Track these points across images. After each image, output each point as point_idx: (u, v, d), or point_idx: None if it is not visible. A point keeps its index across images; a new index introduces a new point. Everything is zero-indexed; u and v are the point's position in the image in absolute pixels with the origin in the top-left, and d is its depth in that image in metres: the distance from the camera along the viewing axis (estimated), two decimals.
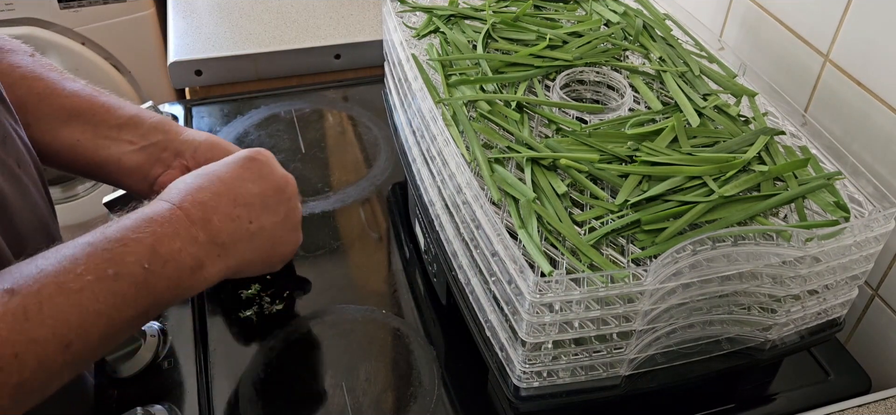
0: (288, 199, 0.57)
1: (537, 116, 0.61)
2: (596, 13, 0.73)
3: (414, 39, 0.70)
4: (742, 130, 0.59)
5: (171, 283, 0.46)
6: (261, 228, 0.53)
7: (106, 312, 0.43)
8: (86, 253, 0.43)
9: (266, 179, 0.55)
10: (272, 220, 0.55)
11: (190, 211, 0.49)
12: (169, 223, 0.47)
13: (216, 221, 0.50)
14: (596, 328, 0.47)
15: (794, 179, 0.54)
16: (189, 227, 0.48)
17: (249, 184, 0.54)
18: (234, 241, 0.51)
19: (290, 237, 0.58)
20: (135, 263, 0.44)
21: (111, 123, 0.62)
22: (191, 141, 0.65)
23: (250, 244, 0.53)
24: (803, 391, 0.62)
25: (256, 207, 0.53)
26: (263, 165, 0.56)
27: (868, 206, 0.53)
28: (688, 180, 0.52)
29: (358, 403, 0.59)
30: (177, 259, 0.47)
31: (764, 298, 0.51)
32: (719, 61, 0.68)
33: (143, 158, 0.63)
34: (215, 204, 0.50)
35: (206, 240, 0.49)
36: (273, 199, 0.55)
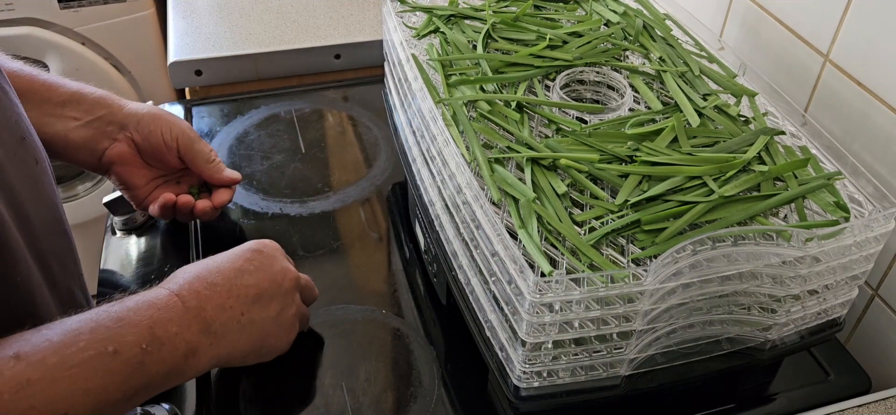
0: (283, 294, 0.57)
1: (537, 116, 0.61)
2: (596, 13, 0.73)
3: (414, 39, 0.70)
4: (742, 130, 0.59)
5: (164, 367, 0.48)
6: (251, 321, 0.54)
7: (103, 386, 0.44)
8: (89, 329, 0.45)
9: (263, 272, 0.56)
10: (263, 315, 0.55)
11: (186, 299, 0.50)
12: (166, 309, 0.49)
13: (209, 310, 0.51)
14: (596, 328, 0.47)
15: (794, 179, 0.54)
16: (184, 314, 0.50)
17: (247, 276, 0.55)
18: (225, 331, 0.52)
19: (281, 333, 0.57)
20: (134, 344, 0.46)
21: (54, 101, 0.63)
22: (134, 113, 0.66)
23: (240, 336, 0.53)
24: (803, 391, 0.62)
25: (249, 300, 0.54)
26: (264, 257, 0.57)
27: (868, 206, 0.53)
28: (688, 180, 0.52)
29: (358, 403, 0.59)
30: (172, 343, 0.48)
31: (764, 298, 0.51)
32: (719, 61, 0.68)
33: (89, 132, 0.64)
34: (210, 294, 0.52)
35: (199, 328, 0.50)
36: (267, 292, 0.55)
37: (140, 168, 0.69)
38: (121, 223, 0.75)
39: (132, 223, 0.75)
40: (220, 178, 0.72)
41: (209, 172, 0.71)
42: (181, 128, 0.69)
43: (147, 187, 0.70)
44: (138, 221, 0.76)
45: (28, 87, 0.62)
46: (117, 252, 0.73)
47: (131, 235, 0.75)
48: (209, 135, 0.90)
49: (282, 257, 0.59)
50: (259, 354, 0.56)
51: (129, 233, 0.75)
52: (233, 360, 0.54)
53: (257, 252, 0.57)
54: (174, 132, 0.68)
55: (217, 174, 0.72)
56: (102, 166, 0.67)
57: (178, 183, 0.73)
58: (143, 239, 0.75)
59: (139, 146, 0.68)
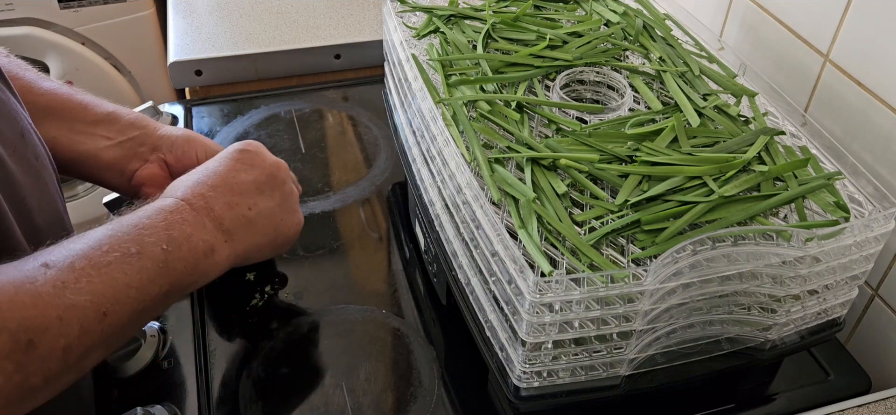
0: (281, 182, 0.60)
1: (537, 116, 0.61)
2: (596, 13, 0.73)
3: (414, 39, 0.70)
4: (742, 130, 0.59)
5: (188, 265, 0.49)
6: (259, 213, 0.56)
7: (135, 285, 0.45)
8: (108, 236, 0.46)
9: (258, 168, 0.58)
10: (269, 204, 0.58)
11: (192, 202, 0.52)
12: (177, 212, 0.50)
13: (217, 209, 0.53)
14: (596, 328, 0.47)
15: (794, 179, 0.54)
16: (195, 215, 0.51)
17: (242, 174, 0.57)
18: (237, 227, 0.54)
19: (290, 218, 0.60)
20: (154, 244, 0.47)
21: (87, 120, 0.64)
22: (167, 136, 0.67)
23: (253, 229, 0.56)
24: (803, 391, 0.62)
25: (252, 193, 0.56)
26: (254, 155, 0.59)
27: (868, 206, 0.53)
28: (688, 180, 0.52)
29: (358, 403, 0.59)
30: (190, 243, 0.50)
31: (764, 298, 0.51)
32: (719, 61, 0.68)
33: (121, 152, 0.65)
34: (214, 195, 0.54)
35: (213, 226, 0.52)
36: (267, 184, 0.58)
37: None
38: None
39: None
40: None
41: None
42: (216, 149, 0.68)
43: None
44: None
45: (64, 106, 0.63)
46: None
47: None
48: (209, 135, 0.90)
49: (267, 151, 0.61)
50: (274, 245, 0.59)
51: None
52: (251, 254, 0.56)
53: (244, 151, 0.59)
54: (209, 153, 0.68)
55: None
56: (132, 188, 0.66)
57: None
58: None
59: (172, 168, 0.67)
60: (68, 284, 0.42)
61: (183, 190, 0.53)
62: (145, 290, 0.46)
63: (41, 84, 0.63)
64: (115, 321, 0.44)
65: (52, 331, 0.40)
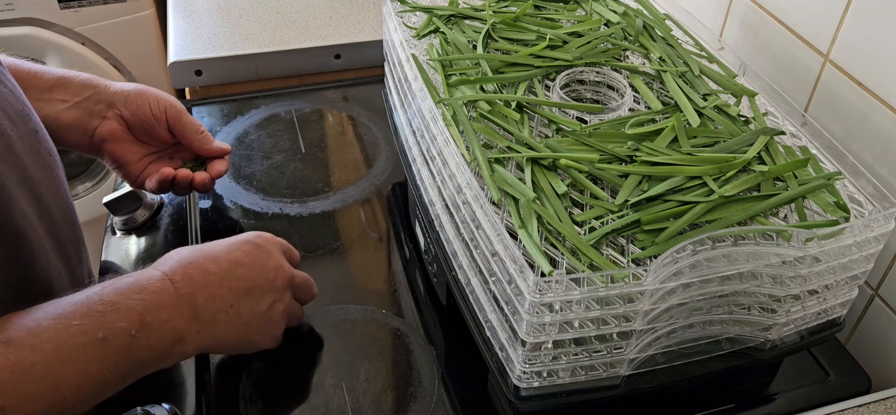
0: (274, 290, 0.57)
1: (537, 116, 0.61)
2: (596, 13, 0.73)
3: (414, 39, 0.70)
4: (742, 130, 0.59)
5: (153, 352, 0.48)
6: (239, 314, 0.54)
7: (95, 370, 0.45)
8: (81, 313, 0.45)
9: (258, 267, 0.56)
10: (251, 309, 0.55)
11: (179, 284, 0.51)
12: (158, 294, 0.49)
13: (200, 298, 0.52)
14: (596, 328, 0.47)
15: (794, 179, 0.54)
16: (176, 300, 0.50)
17: (241, 269, 0.55)
18: (213, 321, 0.53)
19: (267, 329, 0.57)
20: (124, 331, 0.46)
21: (41, 87, 0.64)
22: (121, 91, 0.68)
23: (226, 327, 0.54)
24: (803, 391, 0.62)
25: (239, 291, 0.54)
26: (261, 252, 0.57)
27: (868, 206, 0.53)
28: (688, 180, 0.52)
29: (358, 403, 0.59)
30: (162, 330, 0.49)
31: (764, 298, 0.51)
32: (719, 61, 0.68)
33: (79, 113, 0.65)
34: (203, 281, 0.52)
35: (189, 315, 0.51)
36: (259, 288, 0.56)
37: (131, 144, 0.70)
38: (121, 223, 0.76)
39: (132, 223, 0.75)
40: (210, 148, 0.72)
41: (199, 143, 0.72)
42: (168, 100, 0.70)
43: (140, 164, 0.71)
44: (138, 221, 0.76)
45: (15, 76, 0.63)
46: (117, 252, 0.73)
47: (131, 234, 0.75)
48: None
49: (278, 253, 0.59)
50: (242, 346, 0.57)
51: (129, 233, 0.76)
52: (216, 349, 0.55)
53: (254, 246, 0.57)
54: (162, 105, 0.69)
55: (207, 144, 0.72)
56: (94, 145, 0.68)
57: (171, 158, 0.73)
58: (143, 239, 0.75)
59: (129, 122, 0.68)
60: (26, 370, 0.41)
61: (173, 267, 0.52)
62: (106, 375, 0.46)
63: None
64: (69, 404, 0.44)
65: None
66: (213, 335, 0.53)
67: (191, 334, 0.51)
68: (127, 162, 0.70)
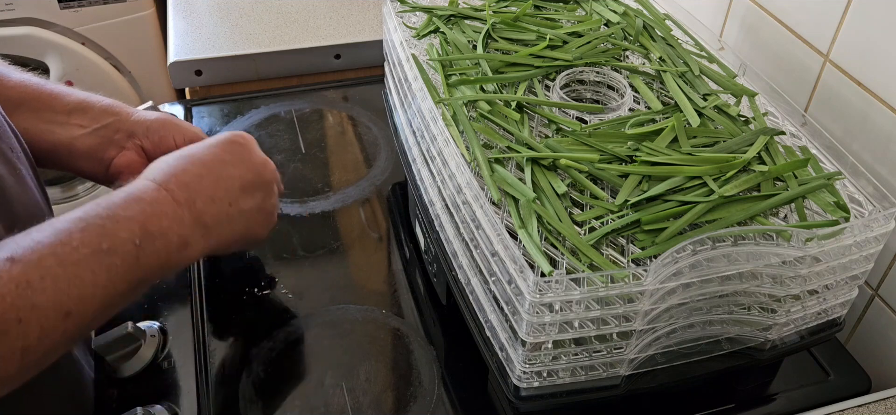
0: (265, 183, 0.59)
1: (537, 116, 0.61)
2: (596, 13, 0.73)
3: (414, 39, 0.70)
4: (742, 130, 0.59)
5: (159, 259, 0.48)
6: (240, 211, 0.55)
7: (102, 283, 0.44)
8: (79, 228, 0.45)
9: (245, 163, 0.57)
10: (250, 203, 0.56)
11: (175, 192, 0.50)
12: (156, 203, 0.49)
13: (199, 202, 0.52)
14: (596, 328, 0.47)
15: (794, 179, 0.54)
16: (175, 207, 0.50)
17: (230, 167, 0.55)
18: (217, 222, 0.53)
19: (265, 220, 0.59)
20: (127, 240, 0.46)
21: (59, 109, 0.63)
22: (143, 121, 0.66)
23: (230, 226, 0.55)
24: (803, 391, 0.62)
25: (236, 190, 0.55)
26: (244, 149, 0.58)
27: (868, 206, 0.53)
28: (688, 180, 0.52)
29: (358, 403, 0.59)
30: (165, 237, 0.48)
31: (764, 298, 0.51)
32: (719, 61, 0.68)
33: (96, 140, 0.63)
34: (198, 186, 0.52)
35: (191, 220, 0.51)
36: (251, 183, 0.57)
37: None
38: None
39: None
40: None
41: None
42: (194, 133, 0.68)
43: None
44: None
45: (33, 96, 0.62)
46: None
47: None
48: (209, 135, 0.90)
49: (257, 148, 0.60)
50: (244, 242, 0.58)
51: None
52: (220, 249, 0.55)
53: (234, 143, 0.58)
54: (187, 137, 0.67)
55: None
56: (109, 176, 0.65)
57: None
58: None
59: (149, 153, 0.66)
60: (32, 283, 0.41)
61: (164, 175, 0.51)
62: (113, 287, 0.45)
63: (10, 76, 0.62)
64: (79, 320, 0.43)
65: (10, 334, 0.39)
66: (217, 236, 0.53)
67: (195, 238, 0.51)
68: None
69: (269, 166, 0.60)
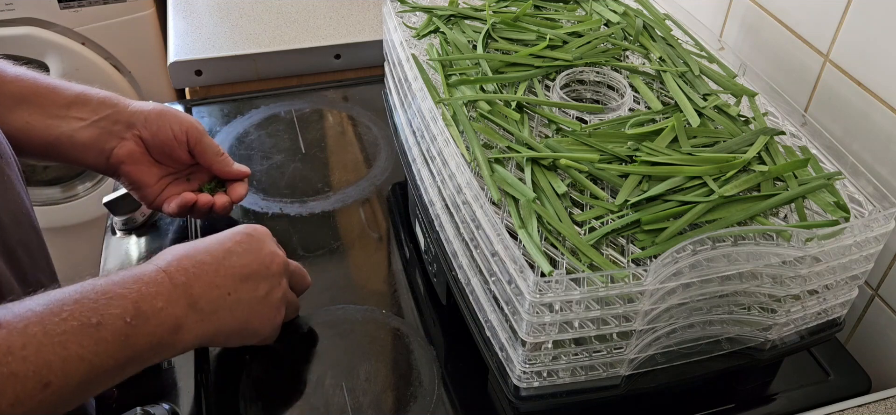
0: (271, 275, 0.57)
1: (537, 116, 0.61)
2: (596, 13, 0.73)
3: (414, 39, 0.70)
4: (742, 130, 0.59)
5: (151, 340, 0.48)
6: (238, 300, 0.54)
7: (87, 358, 0.44)
8: (73, 300, 0.45)
9: (252, 253, 0.56)
10: (250, 295, 0.55)
11: (174, 275, 0.50)
12: (153, 284, 0.49)
13: (197, 287, 0.51)
14: (596, 328, 0.47)
15: (794, 179, 0.54)
16: (172, 290, 0.50)
17: (235, 257, 0.55)
18: (214, 309, 0.52)
19: (267, 315, 0.57)
20: (118, 317, 0.46)
21: (59, 103, 0.63)
22: (140, 111, 0.66)
23: (229, 315, 0.54)
24: (803, 391, 0.62)
25: (237, 279, 0.54)
26: (254, 241, 0.57)
27: (868, 206, 0.53)
28: (688, 180, 0.52)
29: (358, 403, 0.59)
30: (158, 318, 0.48)
31: (764, 298, 0.51)
32: (719, 61, 0.68)
33: (96, 132, 0.64)
34: (198, 272, 0.52)
35: (186, 303, 0.50)
36: (256, 274, 0.56)
37: (149, 166, 0.69)
38: (121, 223, 0.75)
39: (132, 223, 0.75)
40: (230, 171, 0.72)
41: (219, 166, 0.71)
42: (190, 122, 0.69)
43: (157, 186, 0.70)
44: (138, 221, 0.76)
45: (32, 91, 0.62)
46: (118, 252, 0.73)
47: (131, 235, 0.75)
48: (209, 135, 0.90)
49: (271, 242, 0.59)
50: (244, 335, 0.57)
51: (129, 233, 0.75)
52: (218, 338, 0.54)
53: (247, 235, 0.57)
54: (183, 126, 0.68)
55: (227, 167, 0.72)
56: (111, 166, 0.67)
57: (188, 180, 0.73)
58: (144, 239, 0.75)
59: (147, 143, 0.67)
60: (14, 350, 0.41)
61: (168, 259, 0.52)
62: (100, 362, 0.45)
63: (7, 71, 0.62)
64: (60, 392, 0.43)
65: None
66: (214, 323, 0.52)
67: (189, 323, 0.50)
68: (144, 184, 0.69)
69: (276, 259, 0.58)
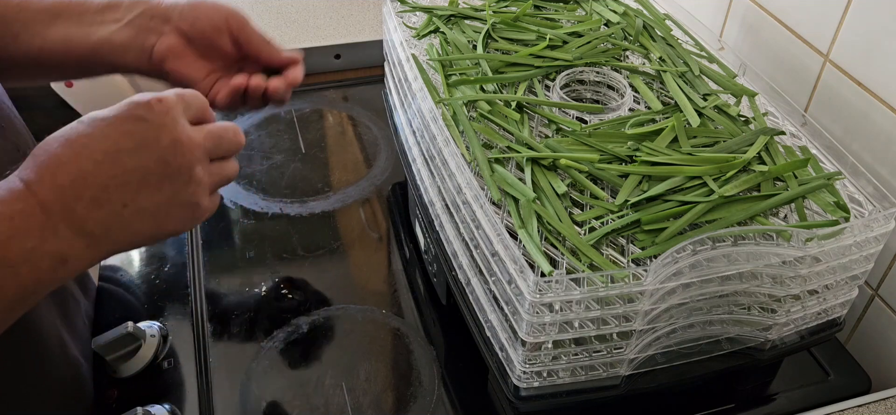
0: (177, 171, 0.46)
1: (537, 116, 0.61)
2: (596, 13, 0.73)
3: (414, 39, 0.70)
4: (742, 130, 0.59)
5: (26, 283, 0.40)
6: (138, 210, 0.44)
7: None
8: None
9: (149, 148, 0.44)
10: (153, 200, 0.45)
11: (46, 200, 0.41)
12: (21, 217, 0.40)
13: (80, 209, 0.42)
14: (596, 328, 0.47)
15: (794, 180, 0.54)
16: (44, 221, 0.41)
17: (126, 156, 0.44)
18: (105, 229, 0.43)
19: (183, 215, 0.47)
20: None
21: (92, 10, 0.61)
22: (175, 4, 0.62)
23: (127, 230, 0.44)
24: (803, 391, 0.62)
25: (132, 185, 0.44)
26: (149, 129, 0.45)
27: (868, 206, 0.53)
28: (688, 180, 0.52)
29: (358, 403, 0.59)
30: (31, 260, 0.40)
31: (764, 298, 0.51)
32: (719, 61, 0.68)
33: (133, 31, 0.61)
34: (79, 188, 0.42)
35: (70, 233, 0.42)
36: (156, 174, 0.45)
37: (194, 60, 0.63)
38: None
39: None
40: (281, 58, 0.66)
41: (268, 52, 0.65)
42: (229, 9, 0.64)
43: (207, 81, 0.64)
44: None
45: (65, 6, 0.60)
46: None
47: None
48: None
49: (172, 121, 0.46)
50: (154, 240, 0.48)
51: None
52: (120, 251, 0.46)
53: (137, 120, 0.45)
54: (222, 13, 0.63)
55: (277, 54, 0.66)
56: (154, 65, 0.62)
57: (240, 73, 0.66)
58: None
59: (188, 36, 0.62)
60: None
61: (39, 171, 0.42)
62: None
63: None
64: None
65: None
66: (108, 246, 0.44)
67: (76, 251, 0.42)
68: (192, 80, 0.63)
69: (181, 147, 0.46)
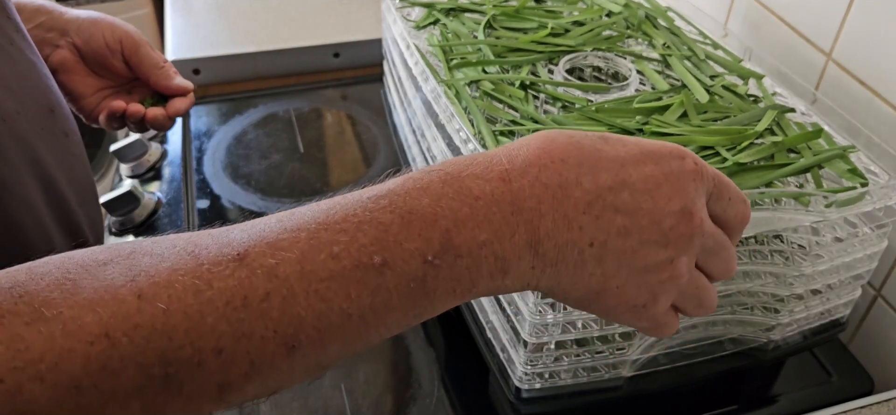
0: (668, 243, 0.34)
1: (542, 96, 0.58)
2: (597, 5, 0.72)
3: (414, 31, 0.69)
4: (751, 107, 0.56)
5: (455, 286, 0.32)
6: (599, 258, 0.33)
7: (358, 312, 0.29)
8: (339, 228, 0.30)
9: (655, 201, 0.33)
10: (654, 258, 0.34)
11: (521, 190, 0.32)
12: (484, 202, 0.31)
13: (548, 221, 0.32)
14: (599, 329, 0.46)
15: (809, 151, 0.52)
16: (510, 215, 0.31)
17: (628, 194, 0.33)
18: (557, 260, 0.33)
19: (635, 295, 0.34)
20: (415, 254, 0.30)
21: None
22: (75, 19, 0.63)
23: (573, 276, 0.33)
24: (806, 392, 0.61)
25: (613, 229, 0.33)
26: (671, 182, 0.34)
27: (884, 175, 0.51)
28: (700, 151, 0.50)
29: (357, 404, 0.59)
30: (475, 255, 0.31)
31: (767, 297, 0.51)
32: (724, 48, 0.66)
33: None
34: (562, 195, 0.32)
35: (525, 242, 0.32)
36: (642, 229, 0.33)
37: (85, 76, 0.65)
38: (118, 223, 0.75)
39: (130, 223, 0.75)
40: (170, 85, 0.67)
41: (157, 78, 0.66)
42: (125, 30, 0.66)
43: (94, 98, 0.66)
44: (136, 221, 0.75)
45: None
46: None
47: (129, 234, 0.75)
48: (207, 134, 0.89)
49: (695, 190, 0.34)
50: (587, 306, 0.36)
51: (126, 232, 0.75)
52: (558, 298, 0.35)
53: (666, 172, 0.34)
54: (117, 35, 0.65)
55: (166, 80, 0.67)
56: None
57: (130, 94, 0.68)
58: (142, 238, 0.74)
59: (82, 52, 0.64)
60: (250, 303, 0.27)
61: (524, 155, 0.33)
62: (375, 319, 0.30)
63: None
64: (310, 357, 0.30)
65: (207, 366, 0.27)
66: (548, 280, 0.33)
67: (520, 269, 0.32)
68: (80, 95, 0.65)
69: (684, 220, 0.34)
